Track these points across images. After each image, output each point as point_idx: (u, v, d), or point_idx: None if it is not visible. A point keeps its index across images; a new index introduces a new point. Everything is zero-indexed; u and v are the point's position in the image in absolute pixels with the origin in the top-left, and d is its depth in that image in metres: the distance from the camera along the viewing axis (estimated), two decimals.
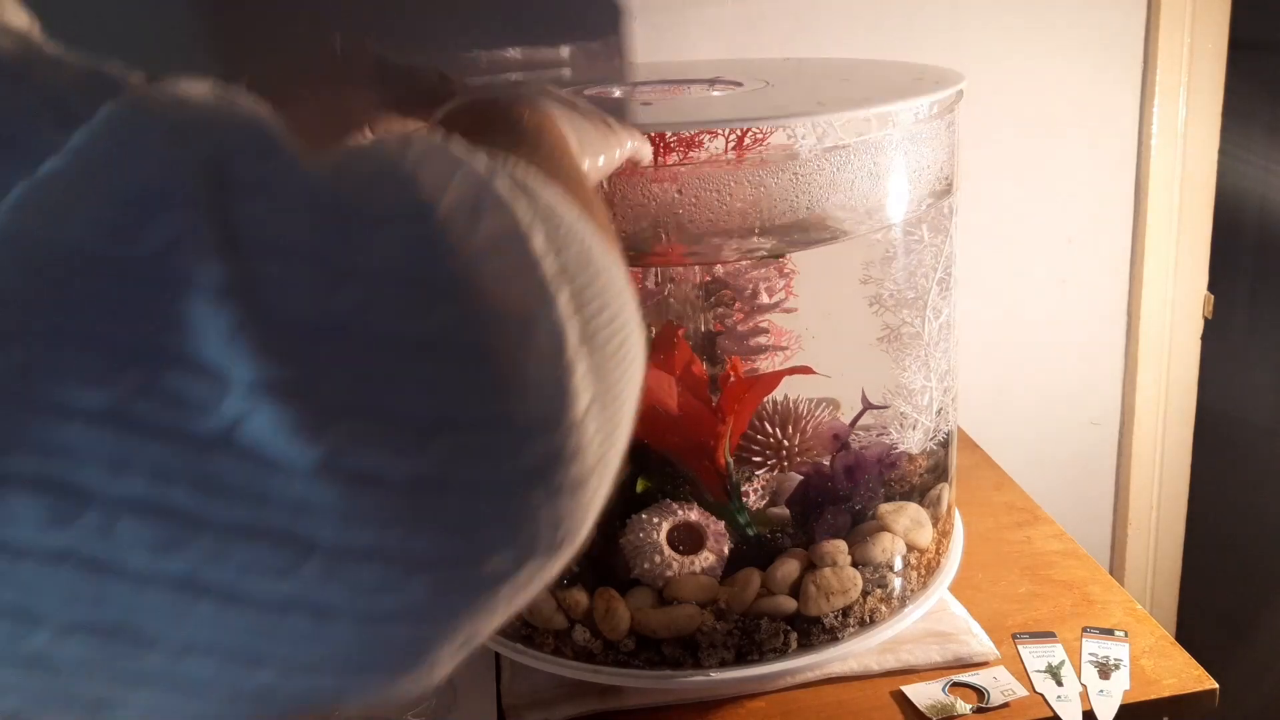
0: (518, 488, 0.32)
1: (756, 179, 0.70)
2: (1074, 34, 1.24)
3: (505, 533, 0.32)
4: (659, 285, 0.84)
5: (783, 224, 0.72)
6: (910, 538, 0.84)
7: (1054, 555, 0.99)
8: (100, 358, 0.28)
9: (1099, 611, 0.90)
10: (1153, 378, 1.40)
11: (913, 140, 0.76)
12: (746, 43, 1.14)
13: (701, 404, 0.79)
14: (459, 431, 0.31)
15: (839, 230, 0.76)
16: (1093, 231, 1.33)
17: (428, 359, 0.31)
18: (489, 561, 0.32)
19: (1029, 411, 1.38)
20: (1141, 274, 1.35)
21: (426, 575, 0.31)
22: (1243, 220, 1.42)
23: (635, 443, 0.87)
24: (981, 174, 1.21)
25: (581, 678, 0.80)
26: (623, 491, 0.80)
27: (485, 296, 0.32)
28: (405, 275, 0.31)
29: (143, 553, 0.29)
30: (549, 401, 0.32)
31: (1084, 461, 1.43)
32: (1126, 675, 0.83)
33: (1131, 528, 1.46)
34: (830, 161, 0.72)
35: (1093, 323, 1.37)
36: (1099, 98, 1.27)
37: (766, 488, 0.85)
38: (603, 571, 0.79)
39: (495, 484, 0.31)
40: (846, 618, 0.80)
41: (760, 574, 0.79)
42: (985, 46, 1.21)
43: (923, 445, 0.87)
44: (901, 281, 0.83)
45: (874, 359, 0.86)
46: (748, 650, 0.78)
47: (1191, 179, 1.33)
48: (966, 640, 0.85)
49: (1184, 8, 1.25)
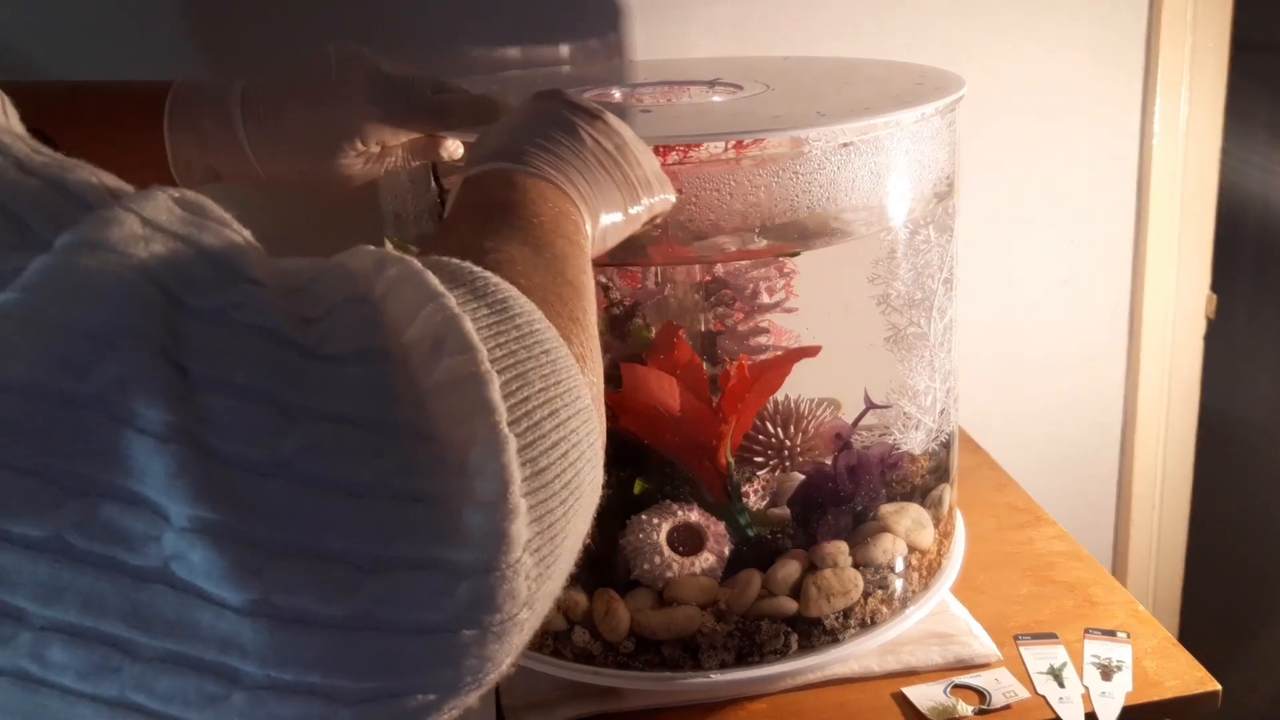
0: (447, 631, 0.32)
1: (757, 179, 0.70)
2: (1076, 34, 1.24)
3: (431, 673, 0.32)
4: (659, 285, 0.84)
5: (783, 224, 0.72)
6: (912, 539, 0.83)
7: (1056, 556, 0.98)
8: (42, 488, 0.29)
9: (1101, 613, 0.90)
10: (1155, 378, 1.40)
11: (914, 140, 0.76)
12: (746, 39, 1.14)
13: (703, 404, 0.78)
14: (392, 575, 0.31)
15: (840, 230, 0.76)
16: (1095, 232, 1.33)
17: (365, 502, 0.31)
18: (413, 699, 0.32)
19: (1031, 412, 1.38)
20: (1144, 274, 1.35)
21: (350, 712, 0.31)
22: (1245, 220, 1.42)
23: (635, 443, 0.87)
24: (983, 174, 1.21)
25: (581, 679, 0.79)
26: (623, 492, 0.80)
27: (433, 442, 0.32)
28: (356, 418, 0.32)
29: (73, 675, 0.30)
30: (485, 547, 0.32)
31: (1086, 462, 1.43)
32: (1129, 677, 0.82)
33: (1134, 528, 1.46)
34: (831, 161, 0.71)
35: (1094, 323, 1.37)
36: (1101, 98, 1.27)
37: (767, 488, 0.85)
38: (602, 573, 0.79)
39: (424, 627, 0.32)
40: (847, 619, 0.80)
41: (761, 575, 0.78)
42: (987, 46, 1.21)
43: (925, 446, 0.87)
44: (909, 282, 0.82)
45: (876, 359, 0.86)
46: (748, 652, 0.78)
47: (1194, 179, 1.32)
48: (968, 642, 0.85)
49: (1186, 8, 1.25)
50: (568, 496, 0.36)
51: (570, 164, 0.55)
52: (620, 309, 0.82)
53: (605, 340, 0.83)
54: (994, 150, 1.25)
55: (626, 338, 0.82)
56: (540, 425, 0.35)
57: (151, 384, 0.30)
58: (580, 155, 0.56)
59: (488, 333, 0.35)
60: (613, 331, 0.82)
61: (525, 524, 0.33)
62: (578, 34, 1.09)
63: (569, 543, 0.37)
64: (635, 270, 0.82)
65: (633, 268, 0.82)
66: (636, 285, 0.84)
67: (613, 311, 0.82)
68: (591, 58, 1.09)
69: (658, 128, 0.72)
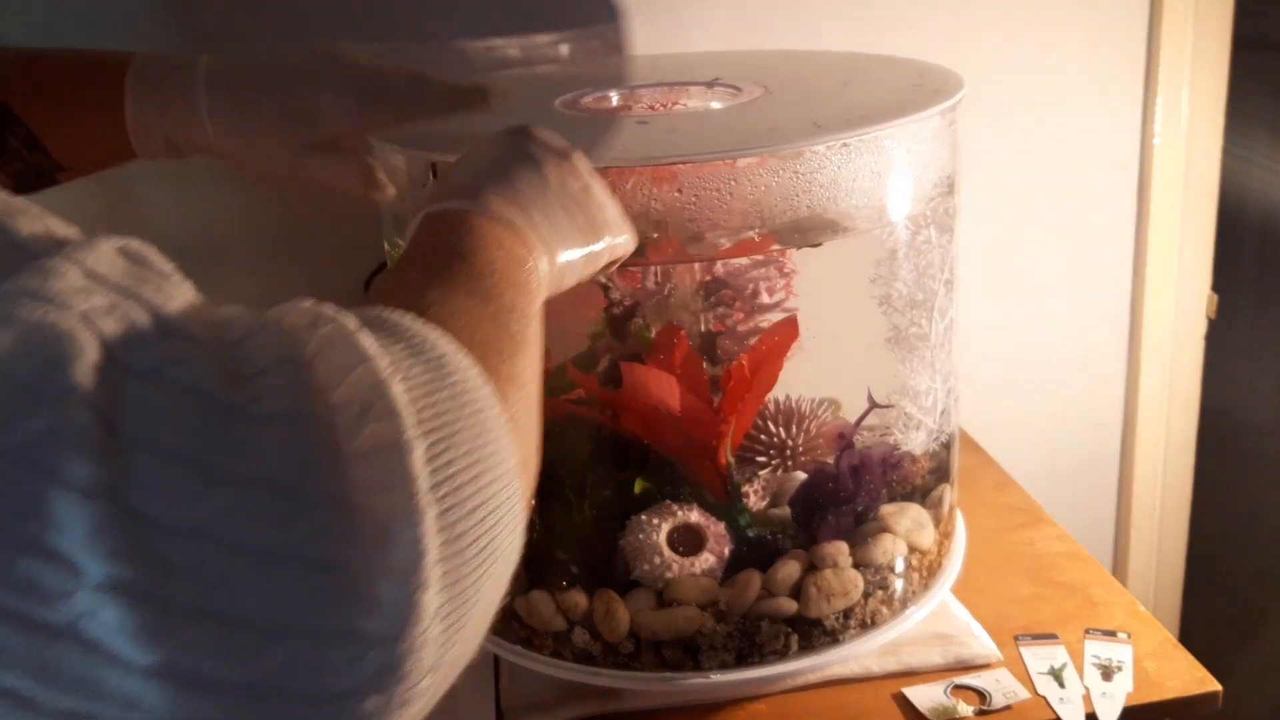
0: (351, 699, 0.32)
1: (757, 178, 0.70)
2: (1076, 32, 1.23)
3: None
4: (659, 285, 0.84)
5: (784, 223, 0.72)
6: (912, 539, 0.83)
7: (1056, 557, 0.98)
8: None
9: (1102, 613, 0.90)
10: (1156, 378, 1.40)
11: (915, 139, 0.76)
12: (746, 33, 1.14)
13: (703, 404, 0.78)
14: (298, 641, 0.31)
15: (841, 229, 0.76)
16: (1095, 231, 1.33)
17: (280, 568, 0.31)
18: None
19: (1031, 412, 1.38)
20: (1144, 274, 1.34)
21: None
22: (1246, 220, 1.42)
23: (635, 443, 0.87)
24: (983, 174, 1.21)
25: (581, 680, 0.79)
26: (623, 492, 0.80)
27: (350, 510, 0.32)
28: (276, 483, 0.32)
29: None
30: (394, 617, 0.32)
31: (1087, 462, 1.43)
32: (1129, 677, 0.82)
33: (1134, 529, 1.46)
34: (832, 160, 0.71)
35: (1095, 323, 1.37)
36: (1102, 96, 1.27)
37: (767, 488, 0.85)
38: (602, 573, 0.79)
39: (328, 695, 0.32)
40: (847, 619, 0.79)
41: (761, 576, 0.78)
42: (987, 44, 1.21)
43: (926, 446, 0.87)
44: (910, 283, 0.82)
45: (877, 359, 0.86)
46: (748, 652, 0.78)
47: (1195, 178, 1.32)
48: (968, 642, 0.85)
49: (1187, 6, 1.24)
50: (483, 562, 0.36)
51: (533, 204, 0.54)
52: (620, 309, 0.82)
53: (605, 340, 0.83)
54: (994, 149, 1.24)
55: (627, 338, 0.82)
56: (462, 490, 0.35)
57: (79, 439, 0.30)
58: (544, 195, 0.55)
59: (420, 391, 0.35)
60: (613, 332, 0.82)
61: (436, 592, 0.33)
62: (577, 30, 1.09)
63: (480, 607, 0.37)
64: (635, 270, 0.82)
65: (633, 268, 0.82)
66: (637, 285, 0.84)
67: (613, 311, 0.82)
68: (590, 54, 1.09)
69: (654, 145, 0.71)
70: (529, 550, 0.80)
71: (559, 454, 0.79)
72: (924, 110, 0.73)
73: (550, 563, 0.79)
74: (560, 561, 0.79)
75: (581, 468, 0.80)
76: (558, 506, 0.79)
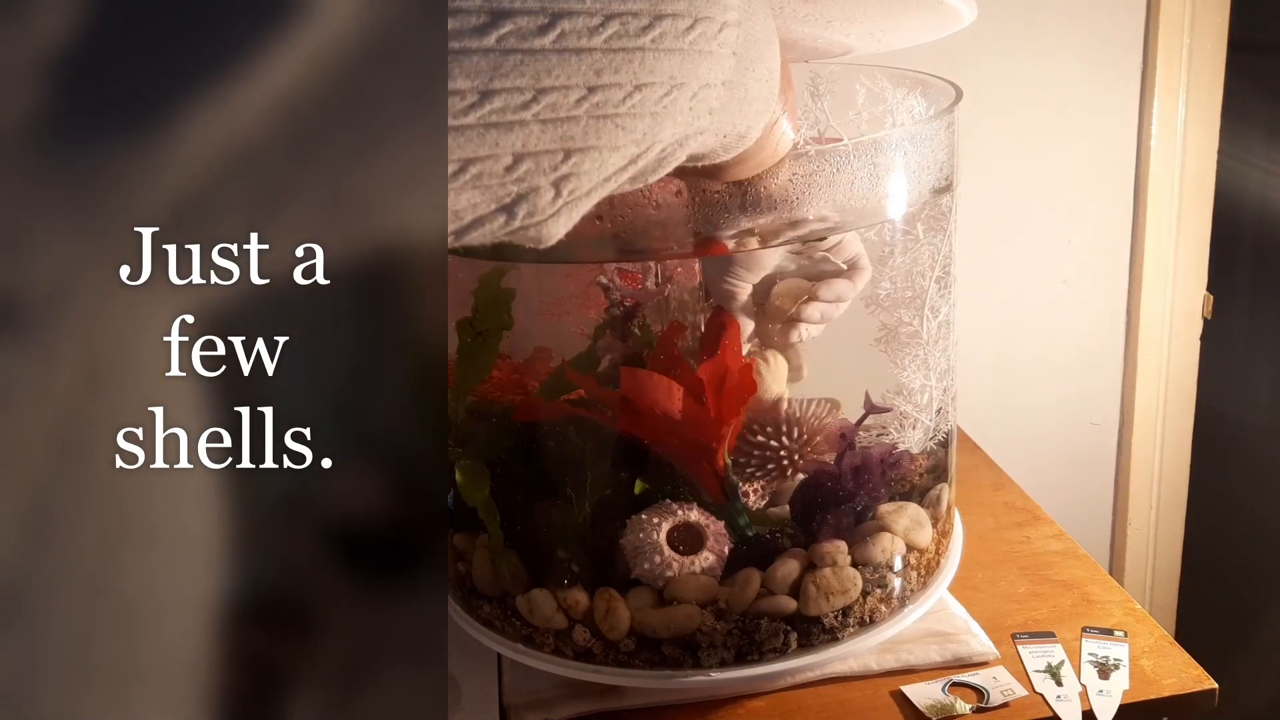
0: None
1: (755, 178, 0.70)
2: (1073, 34, 1.24)
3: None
4: (659, 285, 0.84)
5: (781, 223, 0.72)
6: (910, 538, 0.84)
7: (1053, 555, 0.99)
8: None
9: (1098, 611, 0.90)
10: (1152, 378, 1.40)
11: (912, 140, 0.76)
12: None
13: (700, 407, 0.79)
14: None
15: (839, 230, 0.76)
16: (1092, 232, 1.33)
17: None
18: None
19: (1029, 411, 1.38)
20: (1141, 274, 1.35)
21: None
22: (1242, 221, 1.42)
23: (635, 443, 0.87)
24: (981, 174, 1.22)
25: (582, 678, 0.80)
26: (622, 492, 0.80)
27: None
28: None
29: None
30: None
31: (1083, 461, 1.43)
32: (1126, 675, 0.83)
33: (1131, 527, 1.47)
34: (830, 161, 0.72)
35: (1092, 323, 1.37)
36: (1098, 98, 1.27)
37: (767, 488, 0.85)
38: (603, 572, 0.79)
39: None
40: (846, 618, 0.80)
41: (760, 574, 0.79)
42: (985, 46, 1.22)
43: (923, 445, 0.87)
44: (899, 281, 0.83)
45: (873, 359, 0.86)
46: (748, 650, 0.78)
47: (1191, 179, 1.33)
48: (966, 640, 0.86)
49: (1183, 9, 1.25)
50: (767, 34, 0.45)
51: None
52: (620, 310, 0.82)
53: (606, 341, 0.83)
54: (992, 151, 1.25)
55: (628, 339, 0.82)
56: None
57: None
58: None
59: None
60: (613, 333, 0.83)
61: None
62: None
63: (763, 65, 0.45)
64: (635, 270, 0.83)
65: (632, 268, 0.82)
66: (637, 286, 0.84)
67: (613, 312, 0.82)
68: None
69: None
70: (530, 549, 0.81)
71: (559, 453, 0.80)
72: (919, 124, 0.74)
73: (551, 561, 0.80)
74: (561, 560, 0.80)
75: (582, 467, 0.81)
76: (558, 505, 0.79)
